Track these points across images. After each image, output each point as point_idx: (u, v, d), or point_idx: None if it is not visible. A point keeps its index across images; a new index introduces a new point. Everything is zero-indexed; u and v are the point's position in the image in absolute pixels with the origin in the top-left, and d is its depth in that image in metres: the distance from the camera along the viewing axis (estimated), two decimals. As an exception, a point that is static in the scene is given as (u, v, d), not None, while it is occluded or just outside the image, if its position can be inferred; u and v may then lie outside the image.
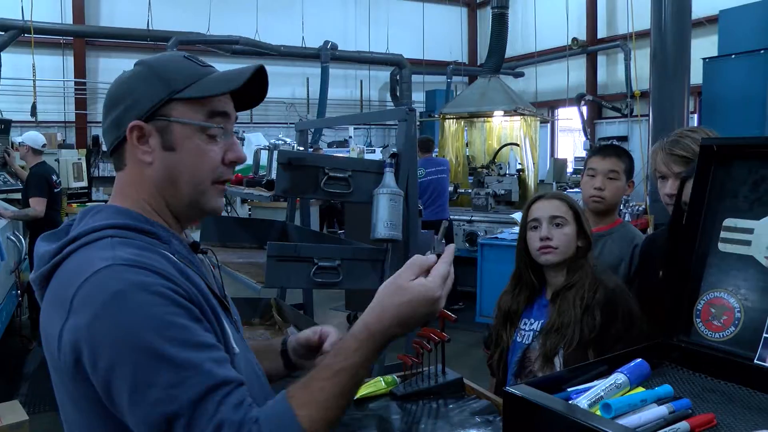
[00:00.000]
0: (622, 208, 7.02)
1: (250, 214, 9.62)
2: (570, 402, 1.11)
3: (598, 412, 1.07)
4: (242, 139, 1.36)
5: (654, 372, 1.21)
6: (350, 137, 12.26)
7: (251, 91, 1.24)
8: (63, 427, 1.14)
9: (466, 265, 7.31)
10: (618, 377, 1.15)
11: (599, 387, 1.13)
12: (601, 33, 14.38)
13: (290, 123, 13.37)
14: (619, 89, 13.66)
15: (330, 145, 11.84)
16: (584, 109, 13.18)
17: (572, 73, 14.37)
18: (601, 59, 14.57)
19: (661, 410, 1.05)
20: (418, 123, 3.34)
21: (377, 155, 10.71)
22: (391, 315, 1.08)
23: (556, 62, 14.77)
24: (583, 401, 1.11)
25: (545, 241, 2.10)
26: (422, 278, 1.10)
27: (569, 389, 1.21)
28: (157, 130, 1.14)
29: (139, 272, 1.01)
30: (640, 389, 1.15)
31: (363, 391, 2.07)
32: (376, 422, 1.92)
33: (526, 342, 2.13)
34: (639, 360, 1.20)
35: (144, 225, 1.13)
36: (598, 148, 2.72)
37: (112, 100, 1.18)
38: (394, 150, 2.74)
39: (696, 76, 7.01)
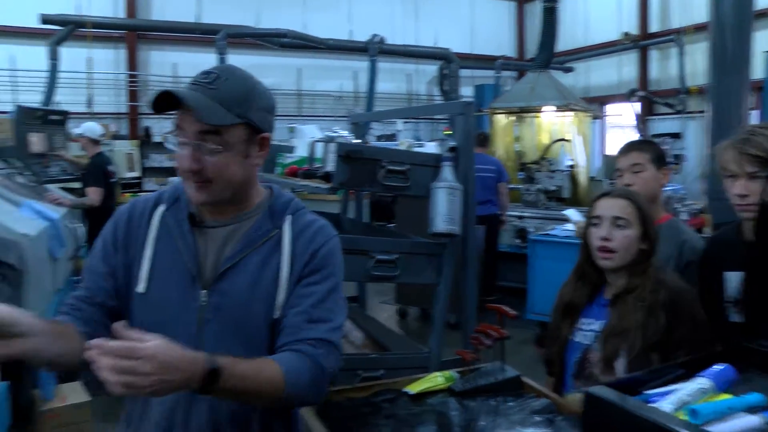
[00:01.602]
0: (678, 206, 6.86)
1: (298, 207, 9.66)
2: (653, 405, 1.08)
3: (684, 417, 1.03)
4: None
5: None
6: (399, 131, 12.22)
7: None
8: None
9: (515, 261, 7.27)
10: (703, 382, 1.11)
11: (683, 391, 1.09)
12: (654, 27, 14.02)
13: (337, 116, 13.40)
14: (671, 85, 13.29)
15: (378, 138, 11.80)
16: (636, 105, 12.89)
17: (623, 69, 14.06)
18: (653, 54, 14.20)
19: (755, 420, 1.00)
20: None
21: (426, 150, 10.60)
22: None
23: (607, 57, 14.46)
24: (666, 405, 1.07)
25: (604, 241, 2.04)
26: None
27: (647, 392, 1.18)
28: None
29: (130, 202, 1.60)
30: (726, 396, 1.10)
31: (421, 386, 2.05)
32: (434, 418, 1.90)
33: (586, 343, 2.08)
34: (725, 365, 1.15)
35: (176, 187, 1.56)
36: (620, 148, 2.67)
37: None
38: (453, 144, 2.71)
39: (757, 71, 6.76)
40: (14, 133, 6.56)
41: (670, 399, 1.10)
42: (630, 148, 2.57)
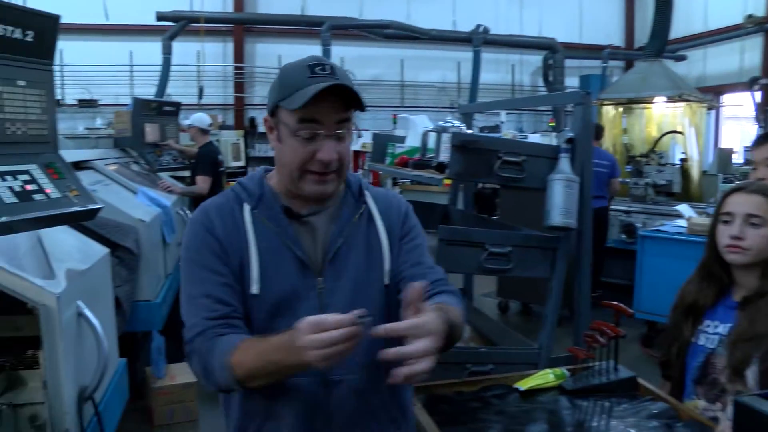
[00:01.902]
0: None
1: (401, 196, 9.70)
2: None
3: None
4: (358, 133, 1.53)
5: None
6: (502, 122, 12.04)
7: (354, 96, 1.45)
8: None
9: (620, 257, 7.03)
10: None
11: None
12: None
13: (441, 107, 13.35)
14: (802, 71, 12.41)
15: (482, 129, 11.66)
16: (757, 94, 12.11)
17: (745, 55, 13.23)
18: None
19: None
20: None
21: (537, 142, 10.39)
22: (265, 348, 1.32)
23: (725, 43, 13.60)
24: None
25: (736, 240, 1.90)
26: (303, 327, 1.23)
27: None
28: (275, 125, 1.50)
29: (199, 211, 1.55)
30: None
31: (531, 382, 2.00)
32: (546, 416, 1.85)
33: (710, 346, 1.94)
34: None
35: (250, 184, 1.56)
36: (755, 139, 2.48)
37: (268, 93, 1.54)
38: (570, 135, 2.62)
39: None
40: (131, 124, 6.86)
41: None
42: (766, 139, 2.40)
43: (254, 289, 1.46)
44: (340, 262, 1.51)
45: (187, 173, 7.18)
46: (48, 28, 2.11)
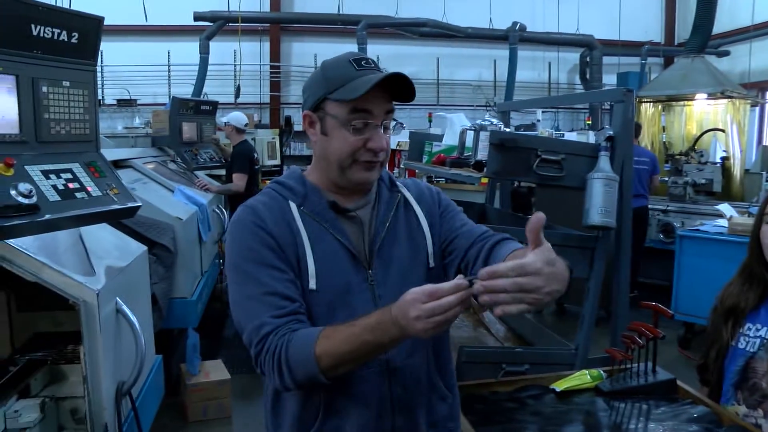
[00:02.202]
0: None
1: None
2: None
3: None
4: (401, 125, 1.56)
5: None
6: (538, 120, 11.93)
7: (400, 88, 1.49)
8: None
9: (658, 257, 6.93)
10: None
11: None
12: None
13: (476, 106, 13.27)
14: None
15: (517, 128, 11.54)
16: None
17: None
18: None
19: None
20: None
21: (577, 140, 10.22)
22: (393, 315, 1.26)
23: (772, 36, 13.25)
24: None
25: None
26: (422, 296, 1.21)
27: None
28: (319, 119, 1.51)
29: (245, 209, 1.52)
30: None
31: (567, 383, 1.98)
32: (582, 417, 1.82)
33: (751, 350, 1.88)
34: None
35: (291, 182, 1.57)
36: None
37: (303, 91, 1.57)
38: (610, 133, 2.58)
39: None
40: (169, 123, 6.94)
41: None
42: None
43: (312, 284, 1.47)
44: (386, 252, 1.55)
45: (222, 172, 7.27)
46: (92, 29, 2.16)
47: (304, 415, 1.52)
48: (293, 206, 1.53)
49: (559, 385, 1.97)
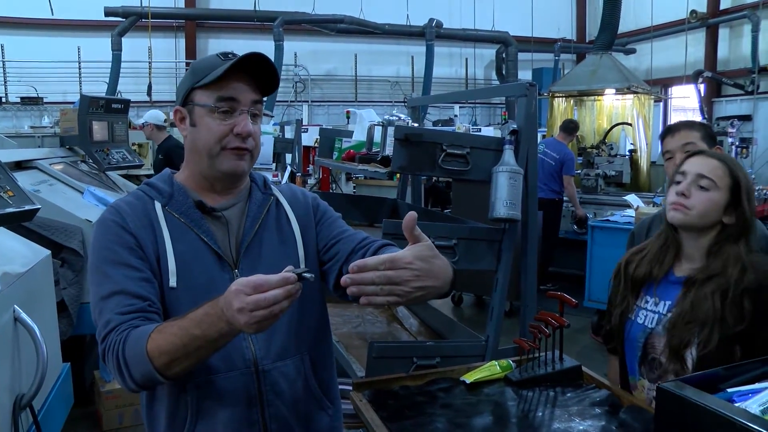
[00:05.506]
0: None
1: (354, 192, 9.71)
2: (738, 406, 0.99)
3: (773, 419, 0.94)
4: (269, 115, 1.58)
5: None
6: (456, 116, 12.10)
7: (267, 81, 1.53)
8: None
9: (572, 248, 7.12)
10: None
11: (772, 390, 1.00)
12: (725, 3, 13.41)
13: (395, 101, 13.35)
14: (742, 64, 12.73)
15: (435, 123, 11.70)
16: (701, 87, 12.41)
17: (689, 49, 13.55)
18: (723, 32, 13.61)
19: None
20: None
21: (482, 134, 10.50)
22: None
23: (672, 37, 13.89)
24: (753, 406, 0.98)
25: (680, 197, 1.82)
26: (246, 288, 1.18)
27: (728, 390, 1.09)
28: (188, 112, 1.52)
29: (110, 209, 1.51)
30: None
31: (477, 375, 2.00)
32: (491, 407, 1.84)
33: (650, 326, 1.90)
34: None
35: (159, 183, 1.56)
36: (665, 129, 2.50)
37: (176, 92, 1.58)
38: (514, 126, 2.62)
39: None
40: (78, 122, 6.68)
41: (757, 399, 1.01)
42: (678, 127, 2.39)
43: (172, 282, 1.45)
44: (254, 254, 1.53)
45: (142, 172, 7.08)
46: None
47: (176, 416, 1.48)
48: (158, 206, 1.51)
49: (469, 377, 1.98)
